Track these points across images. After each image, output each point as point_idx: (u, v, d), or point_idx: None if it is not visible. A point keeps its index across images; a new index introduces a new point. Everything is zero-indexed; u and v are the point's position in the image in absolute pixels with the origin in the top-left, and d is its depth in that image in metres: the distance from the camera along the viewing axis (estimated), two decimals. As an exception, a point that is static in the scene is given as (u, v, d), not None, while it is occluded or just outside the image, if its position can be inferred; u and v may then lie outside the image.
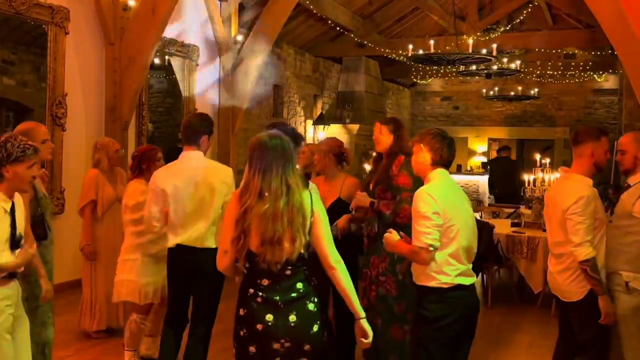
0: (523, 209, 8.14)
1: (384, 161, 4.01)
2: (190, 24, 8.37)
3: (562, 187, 3.56)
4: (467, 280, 3.05)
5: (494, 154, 18.43)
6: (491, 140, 18.13)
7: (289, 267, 2.58)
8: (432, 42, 9.26)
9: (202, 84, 8.65)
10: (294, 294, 2.57)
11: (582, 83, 15.40)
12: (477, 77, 13.82)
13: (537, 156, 8.38)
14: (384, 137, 3.98)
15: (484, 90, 15.01)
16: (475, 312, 3.14)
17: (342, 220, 4.07)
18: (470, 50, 8.81)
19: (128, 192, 4.27)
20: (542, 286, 6.19)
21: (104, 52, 6.95)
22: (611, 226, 3.51)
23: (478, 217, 8.75)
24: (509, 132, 17.07)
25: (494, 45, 8.99)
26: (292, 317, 2.54)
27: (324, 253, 2.62)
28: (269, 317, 2.54)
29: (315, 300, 2.61)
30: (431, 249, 2.92)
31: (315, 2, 9.89)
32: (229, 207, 2.70)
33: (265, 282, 2.59)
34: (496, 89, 14.63)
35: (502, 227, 6.87)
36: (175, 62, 8.38)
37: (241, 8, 9.13)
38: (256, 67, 8.93)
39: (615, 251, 3.44)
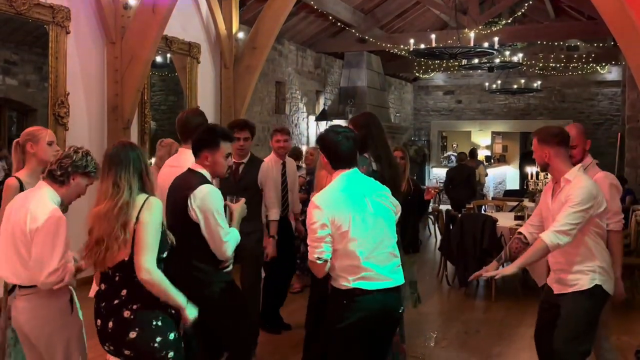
0: (526, 202, 8.13)
1: None
2: (191, 21, 8.37)
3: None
4: (369, 285, 2.88)
5: (497, 147, 18.47)
6: (494, 134, 18.10)
7: (118, 274, 2.70)
8: (433, 36, 9.25)
9: (203, 81, 8.65)
10: (116, 301, 2.69)
11: (585, 75, 15.36)
12: (479, 71, 13.78)
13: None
14: None
15: (487, 84, 14.99)
16: (381, 317, 2.94)
17: None
18: (472, 44, 8.80)
19: None
20: (545, 279, 6.18)
21: (105, 51, 6.96)
22: None
23: (482, 211, 8.75)
24: (513, 125, 17.04)
25: (496, 39, 8.98)
26: (110, 323, 2.69)
27: (136, 260, 2.65)
28: (99, 321, 2.75)
29: (134, 307, 2.67)
30: (319, 262, 2.85)
31: (316, -2, 9.89)
32: None
33: (102, 286, 2.76)
34: (499, 82, 14.60)
35: (506, 221, 6.87)
36: (177, 60, 8.38)
37: (242, 5, 9.13)
38: (258, 64, 8.93)
39: None
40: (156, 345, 2.67)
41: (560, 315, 3.36)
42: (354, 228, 2.86)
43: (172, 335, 2.72)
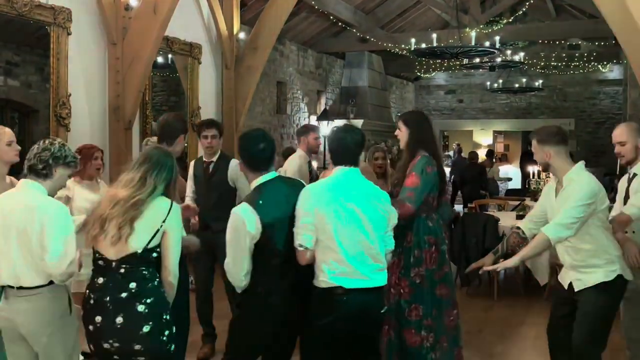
0: (528, 202, 8.12)
1: (402, 159, 3.89)
2: (193, 22, 8.38)
3: None
4: (349, 283, 2.86)
5: (499, 147, 18.47)
6: (496, 133, 18.08)
7: (124, 266, 2.68)
8: (434, 35, 9.24)
9: (205, 82, 8.65)
10: (124, 294, 2.66)
11: (587, 74, 15.33)
12: (481, 70, 13.77)
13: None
14: (401, 133, 3.83)
15: (488, 83, 14.97)
16: (361, 317, 2.91)
17: None
18: (473, 43, 8.79)
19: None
20: (547, 278, 6.19)
21: (107, 52, 6.96)
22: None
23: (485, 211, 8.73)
24: (514, 124, 17.02)
25: (497, 38, 8.97)
26: (119, 319, 2.63)
27: (164, 266, 2.74)
28: (98, 318, 2.66)
29: (149, 301, 2.66)
30: (300, 248, 2.86)
31: (317, -2, 9.89)
32: None
33: (100, 280, 2.71)
34: (500, 81, 14.58)
35: (508, 220, 6.86)
36: (178, 60, 8.39)
37: (243, 5, 9.14)
38: (259, 64, 8.93)
39: None
40: (164, 338, 2.70)
41: (581, 311, 3.33)
42: (335, 222, 2.87)
43: (174, 329, 2.77)
